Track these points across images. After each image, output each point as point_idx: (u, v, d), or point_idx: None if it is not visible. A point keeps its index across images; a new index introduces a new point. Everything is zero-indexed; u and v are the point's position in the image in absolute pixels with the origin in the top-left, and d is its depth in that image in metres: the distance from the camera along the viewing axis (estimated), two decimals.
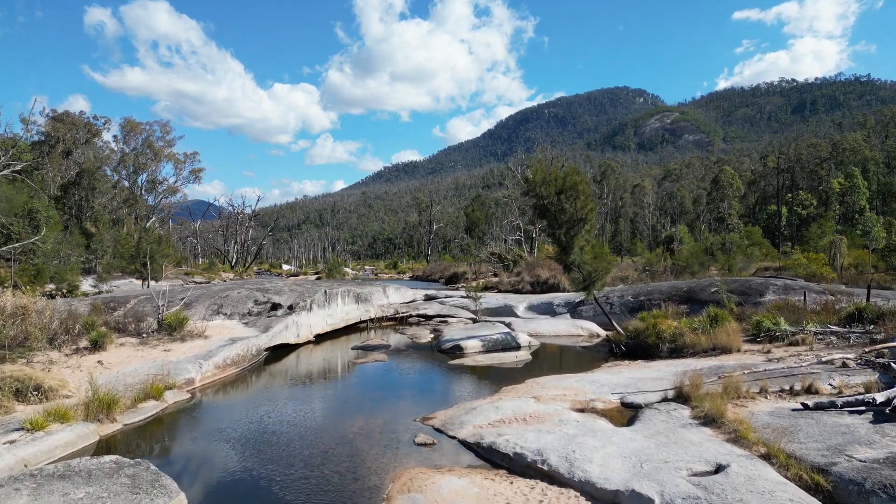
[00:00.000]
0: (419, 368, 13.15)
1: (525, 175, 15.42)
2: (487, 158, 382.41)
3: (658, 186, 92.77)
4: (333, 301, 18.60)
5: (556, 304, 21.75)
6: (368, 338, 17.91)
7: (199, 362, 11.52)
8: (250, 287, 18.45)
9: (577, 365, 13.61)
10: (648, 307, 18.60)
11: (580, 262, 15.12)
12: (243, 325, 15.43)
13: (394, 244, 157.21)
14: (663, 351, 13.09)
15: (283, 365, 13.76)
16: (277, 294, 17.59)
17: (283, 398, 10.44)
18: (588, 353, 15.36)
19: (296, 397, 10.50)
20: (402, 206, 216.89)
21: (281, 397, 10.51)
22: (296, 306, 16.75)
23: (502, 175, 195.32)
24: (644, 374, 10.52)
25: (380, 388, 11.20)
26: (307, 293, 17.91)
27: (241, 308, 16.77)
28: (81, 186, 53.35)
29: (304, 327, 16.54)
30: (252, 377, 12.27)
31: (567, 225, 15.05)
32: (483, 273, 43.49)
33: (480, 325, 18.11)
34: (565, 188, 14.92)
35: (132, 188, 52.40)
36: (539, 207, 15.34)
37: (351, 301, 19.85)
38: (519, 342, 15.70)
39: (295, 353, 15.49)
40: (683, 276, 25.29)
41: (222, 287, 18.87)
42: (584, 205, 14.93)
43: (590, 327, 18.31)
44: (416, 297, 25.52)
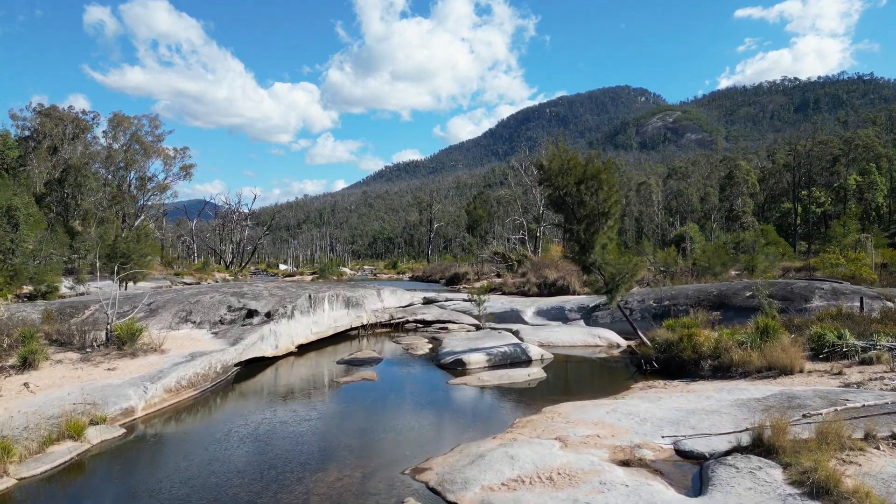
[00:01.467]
0: (413, 390, 11.03)
1: (539, 162, 13.20)
2: (489, 158, 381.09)
3: (663, 185, 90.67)
4: (319, 307, 16.50)
5: (568, 308, 19.64)
6: (359, 348, 15.81)
7: (143, 386, 9.43)
8: (225, 291, 16.36)
9: (601, 385, 11.52)
10: (674, 313, 16.52)
11: (602, 263, 13.02)
12: (212, 336, 13.34)
13: (394, 244, 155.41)
14: (704, 369, 10.98)
15: (254, 385, 11.67)
16: (255, 299, 15.50)
17: (240, 436, 8.32)
18: (611, 369, 13.27)
19: (257, 435, 8.38)
20: (403, 206, 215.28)
21: (237, 434, 8.39)
22: (274, 313, 14.66)
23: (504, 174, 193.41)
24: (692, 404, 8.41)
25: (363, 420, 9.08)
26: (289, 298, 15.82)
27: (212, 315, 14.68)
28: (67, 183, 51.32)
29: (283, 337, 14.45)
30: (212, 403, 10.18)
31: (587, 220, 12.95)
32: (485, 273, 41.40)
33: (485, 334, 16.01)
34: (586, 177, 12.82)
35: (120, 185, 50.33)
36: (555, 199, 13.24)
37: (340, 306, 17.76)
38: (530, 355, 13.60)
39: (273, 367, 13.41)
40: (705, 278, 23.19)
41: (195, 291, 16.80)
42: (607, 197, 12.83)
43: (608, 336, 16.21)
44: (413, 300, 23.43)
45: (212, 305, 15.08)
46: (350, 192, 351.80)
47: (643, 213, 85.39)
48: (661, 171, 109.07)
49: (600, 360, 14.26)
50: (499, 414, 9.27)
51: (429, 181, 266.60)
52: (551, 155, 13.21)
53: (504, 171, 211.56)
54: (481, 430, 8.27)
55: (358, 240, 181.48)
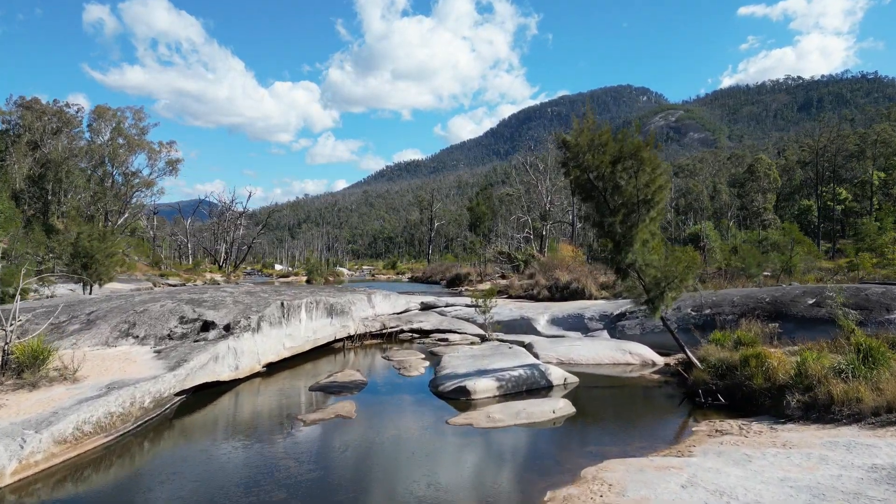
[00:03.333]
0: (400, 436, 8.24)
1: (563, 138, 10.45)
2: (490, 157, 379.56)
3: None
4: (294, 316, 13.79)
5: (588, 316, 16.91)
6: (341, 365, 13.10)
7: (21, 437, 6.72)
8: (181, 298, 13.64)
9: (651, 425, 8.82)
10: (719, 324, 13.80)
11: (642, 265, 10.29)
12: (153, 356, 10.63)
13: (394, 243, 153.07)
14: (790, 406, 8.23)
15: (192, 424, 8.94)
16: (214, 308, 12.78)
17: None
18: (655, 398, 10.54)
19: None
20: (404, 205, 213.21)
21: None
22: (235, 326, 11.94)
23: (506, 173, 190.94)
24: (807, 474, 5.69)
25: (319, 498, 6.33)
26: (256, 306, 13.09)
27: (159, 328, 11.97)
28: (47, 179, 48.65)
29: (246, 355, 11.74)
30: (125, 455, 7.46)
31: (624, 210, 10.23)
32: (489, 275, 38.68)
33: (492, 349, 13.29)
34: (623, 156, 10.10)
35: (103, 181, 47.66)
36: (582, 184, 10.50)
37: (321, 315, 15.05)
38: (550, 379, 10.89)
39: (230, 394, 10.72)
40: (740, 281, 20.44)
41: (146, 297, 14.07)
42: (650, 181, 10.11)
43: (641, 352, 13.49)
44: (409, 305, 20.72)
45: (161, 316, 12.37)
46: (351, 191, 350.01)
47: None
48: (666, 169, 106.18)
49: (636, 383, 11.53)
50: (519, 482, 6.53)
51: (430, 180, 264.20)
52: (577, 129, 10.48)
53: (506, 170, 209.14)
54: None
55: (358, 239, 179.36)
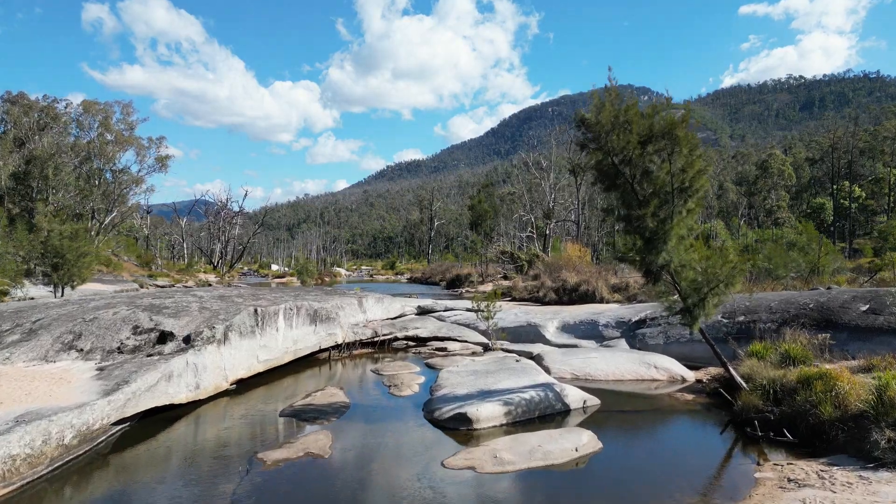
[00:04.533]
0: (381, 487, 6.47)
1: (581, 115, 8.64)
2: (491, 157, 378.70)
3: None
4: (270, 324, 12.05)
5: (603, 323, 15.17)
6: (326, 380, 11.39)
7: None
8: (138, 304, 11.90)
9: (696, 468, 7.08)
10: (757, 333, 12.09)
11: (678, 266, 8.55)
12: (94, 375, 8.91)
13: (394, 243, 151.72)
14: (880, 445, 6.49)
15: (126, 464, 7.18)
16: (175, 316, 11.04)
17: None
18: (694, 428, 8.81)
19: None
20: (404, 204, 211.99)
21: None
22: (197, 337, 10.20)
23: (507, 172, 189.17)
24: None
25: None
26: (225, 313, 11.35)
27: (108, 340, 10.25)
28: (33, 177, 46.93)
29: (209, 372, 10.01)
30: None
31: (656, 200, 8.49)
32: (491, 275, 36.97)
33: (497, 362, 11.55)
34: (654, 135, 8.36)
35: (89, 178, 45.89)
36: (605, 170, 8.76)
37: (303, 322, 13.32)
38: (567, 402, 9.15)
39: (187, 419, 9.01)
40: (766, 284, 18.68)
41: (99, 304, 12.32)
42: (688, 164, 8.38)
43: (667, 365, 11.76)
44: (405, 309, 18.98)
45: (112, 325, 10.64)
46: (351, 191, 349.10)
47: None
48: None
49: (667, 406, 9.79)
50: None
51: (430, 180, 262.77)
52: (598, 104, 8.74)
53: (507, 169, 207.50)
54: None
55: (358, 239, 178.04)
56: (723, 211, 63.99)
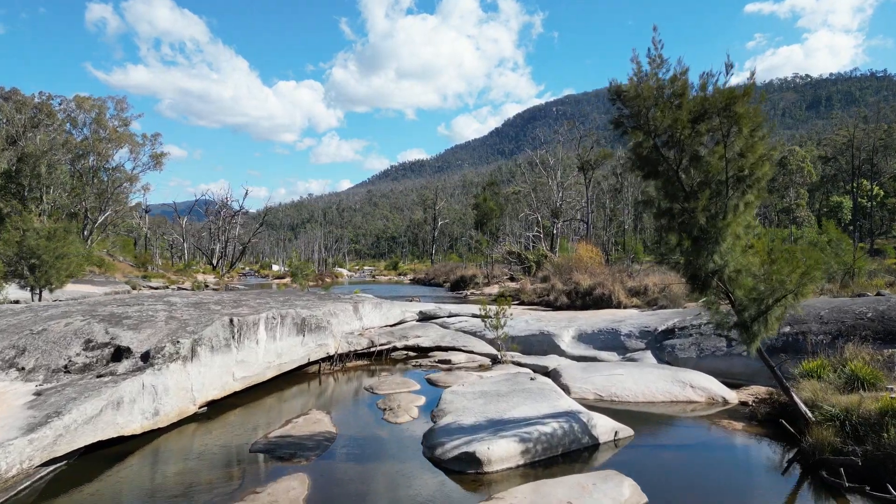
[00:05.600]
0: None
1: (617, 88, 7.03)
2: (495, 157, 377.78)
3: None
4: (249, 336, 10.53)
5: (625, 332, 13.60)
6: (313, 399, 9.86)
7: None
8: (94, 315, 10.39)
9: None
10: (808, 347, 10.52)
11: (732, 272, 7.00)
12: (30, 400, 7.40)
13: (397, 243, 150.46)
14: None
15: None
16: (135, 328, 9.52)
17: None
18: (754, 470, 7.21)
19: None
20: (408, 204, 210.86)
21: None
22: (157, 353, 8.68)
23: (511, 172, 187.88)
24: None
25: None
26: (194, 324, 9.83)
27: (55, 356, 8.75)
28: (24, 175, 45.61)
29: (172, 395, 8.50)
30: None
31: (707, 191, 6.95)
32: (497, 277, 35.41)
33: (508, 381, 9.99)
34: (708, 111, 6.82)
35: (82, 175, 44.50)
36: (645, 156, 7.21)
37: (289, 332, 11.80)
38: (595, 433, 7.61)
39: (139, 454, 7.51)
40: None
41: (53, 313, 10.81)
42: (748, 148, 6.83)
43: (705, 384, 10.20)
44: (405, 315, 17.45)
45: (62, 338, 9.14)
46: (355, 191, 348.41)
47: None
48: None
49: (713, 437, 8.21)
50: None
51: (434, 180, 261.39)
52: (638, 74, 7.19)
53: (511, 169, 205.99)
54: None
55: (361, 239, 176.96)
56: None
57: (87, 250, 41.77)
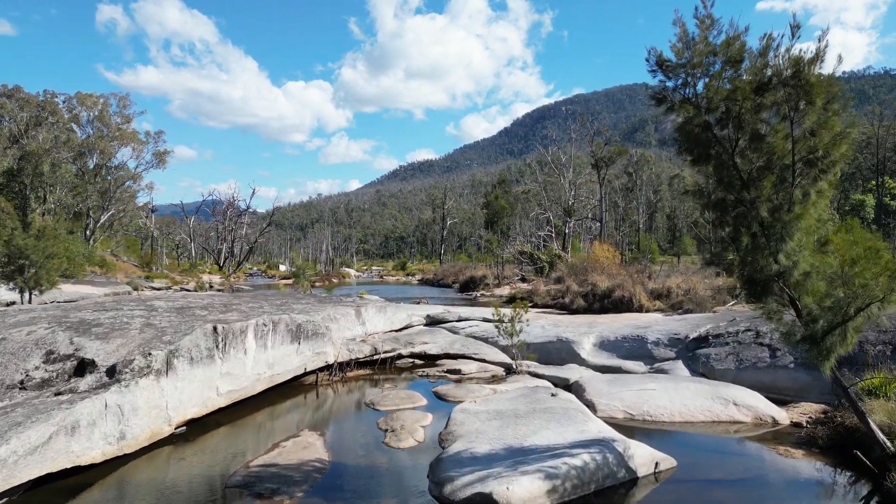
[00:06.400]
0: None
1: (660, 56, 5.76)
2: (504, 157, 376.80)
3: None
4: (236, 345, 9.42)
5: (652, 340, 12.40)
6: (309, 415, 8.75)
7: None
8: (61, 322, 9.31)
9: None
10: (870, 360, 9.30)
11: (801, 277, 5.80)
12: None
13: (406, 243, 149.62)
14: None
15: None
16: (104, 337, 8.42)
17: None
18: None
19: None
20: (417, 204, 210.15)
21: None
22: (125, 367, 7.58)
23: (520, 172, 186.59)
24: None
25: None
26: (172, 333, 8.72)
27: (11, 370, 7.67)
28: (26, 173, 44.90)
29: (143, 415, 7.41)
30: None
31: (771, 177, 5.77)
32: (508, 278, 34.23)
33: (528, 402, 8.81)
34: (772, 81, 5.63)
35: (83, 173, 43.71)
36: (694, 135, 6.04)
37: (282, 340, 10.69)
38: (633, 465, 6.44)
39: (99, 487, 6.43)
40: None
41: (20, 318, 9.74)
42: (822, 124, 5.65)
43: (748, 401, 8.98)
44: (412, 319, 16.32)
45: (21, 349, 8.07)
46: (364, 191, 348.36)
47: (677, 209, 77.91)
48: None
49: (768, 466, 7.02)
50: None
51: (443, 179, 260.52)
52: (683, 38, 6.02)
53: (520, 168, 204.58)
54: None
55: (370, 239, 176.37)
56: None
57: (89, 250, 40.99)
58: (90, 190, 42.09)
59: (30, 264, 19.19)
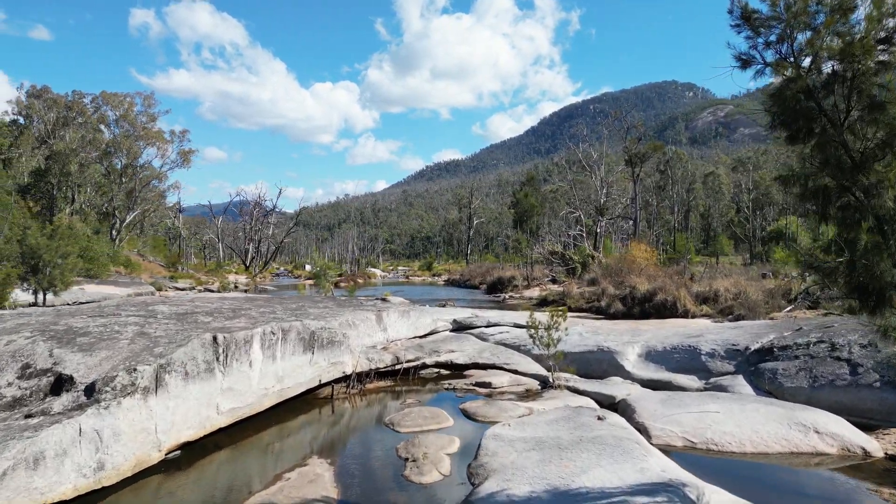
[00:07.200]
0: None
1: (744, 7, 4.48)
2: (531, 156, 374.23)
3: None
4: (239, 356, 8.39)
5: (706, 351, 11.05)
6: (321, 434, 7.68)
7: None
8: (44, 331, 8.37)
9: None
10: None
11: None
12: None
13: (432, 243, 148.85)
14: None
15: None
16: (88, 349, 7.44)
17: None
18: None
19: None
20: (443, 204, 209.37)
21: None
22: (106, 385, 6.59)
23: (548, 171, 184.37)
24: None
25: None
26: (165, 344, 7.72)
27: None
28: (53, 173, 45.00)
29: (126, 441, 6.41)
30: None
31: (893, 157, 4.48)
32: (537, 279, 32.89)
33: (572, 426, 7.59)
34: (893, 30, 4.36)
35: (109, 173, 43.59)
36: (793, 102, 4.80)
37: (294, 349, 9.64)
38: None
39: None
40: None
41: (7, 326, 8.85)
42: None
43: (832, 427, 7.63)
44: (437, 325, 15.18)
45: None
46: (390, 191, 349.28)
47: (711, 207, 75.42)
48: (727, 162, 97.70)
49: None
50: None
51: (469, 179, 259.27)
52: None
53: (548, 168, 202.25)
54: None
55: (396, 239, 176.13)
56: (790, 208, 58.47)
57: (114, 250, 40.81)
58: (116, 190, 41.90)
59: (43, 264, 18.57)
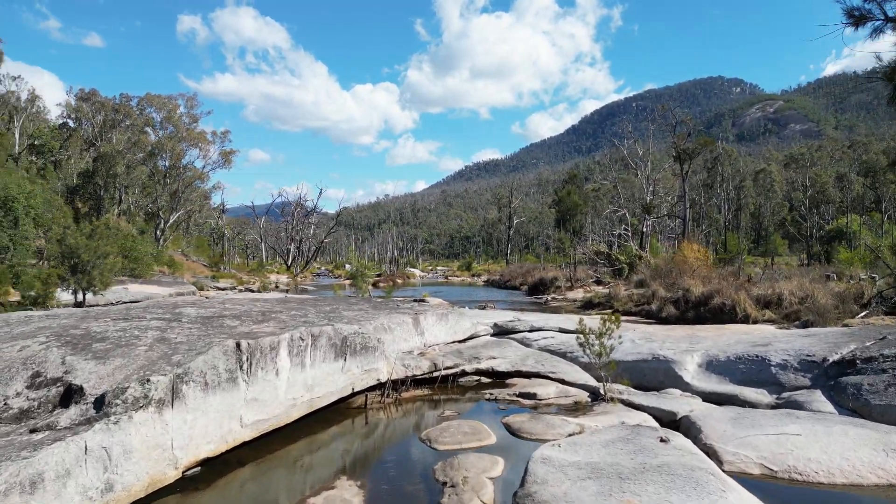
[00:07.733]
0: None
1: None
2: (572, 155, 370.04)
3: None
4: (265, 365, 7.78)
5: (776, 362, 9.96)
6: (348, 453, 7.01)
7: None
8: (59, 335, 7.92)
9: None
10: None
11: None
12: None
13: (471, 242, 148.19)
14: None
15: None
16: (102, 357, 6.92)
17: None
18: None
19: None
20: (482, 204, 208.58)
21: None
22: (115, 399, 6.03)
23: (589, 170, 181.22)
24: None
25: None
26: (184, 352, 7.15)
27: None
28: (100, 175, 45.98)
29: (138, 458, 5.84)
30: None
31: None
32: (581, 280, 31.73)
33: (631, 448, 6.68)
34: None
35: (153, 174, 44.24)
36: None
37: (324, 356, 9.01)
38: None
39: None
40: None
41: (25, 330, 8.47)
42: None
43: None
44: (477, 328, 14.38)
45: (6, 369, 6.69)
46: (429, 191, 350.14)
47: (762, 206, 72.49)
48: (779, 158, 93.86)
49: None
50: None
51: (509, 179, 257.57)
52: None
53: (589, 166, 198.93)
54: None
55: (435, 239, 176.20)
56: (854, 204, 55.75)
57: (158, 250, 41.33)
58: (160, 190, 42.49)
59: (82, 264, 18.55)
